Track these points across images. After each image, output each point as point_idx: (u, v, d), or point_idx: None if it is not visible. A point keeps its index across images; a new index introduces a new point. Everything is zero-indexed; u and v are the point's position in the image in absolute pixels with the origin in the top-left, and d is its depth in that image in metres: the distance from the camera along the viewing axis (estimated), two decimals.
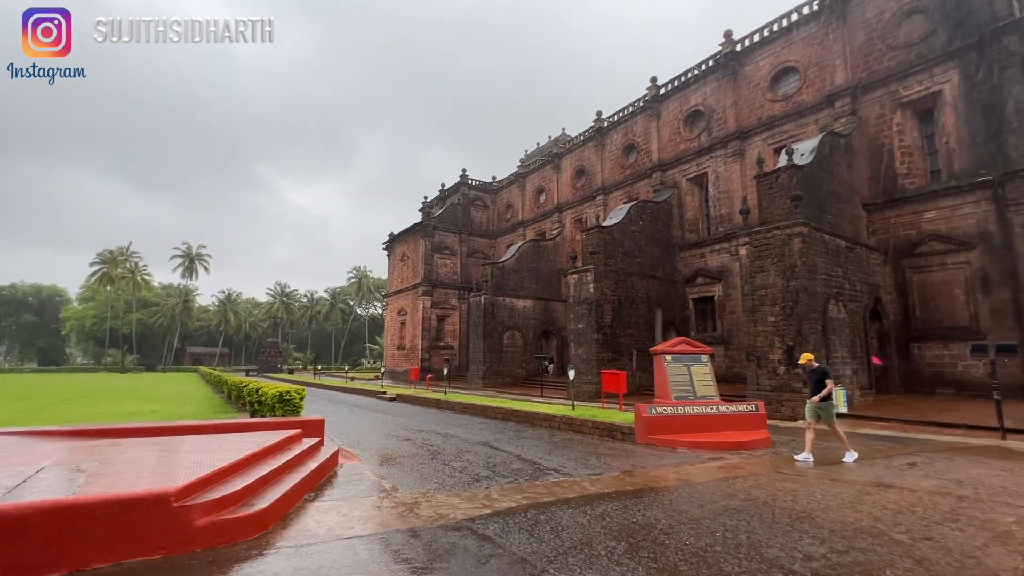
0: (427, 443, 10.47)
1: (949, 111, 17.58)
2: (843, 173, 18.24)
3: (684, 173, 26.61)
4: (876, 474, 7.35)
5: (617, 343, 22.43)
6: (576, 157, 35.13)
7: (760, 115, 23.29)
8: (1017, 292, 15.51)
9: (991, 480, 6.92)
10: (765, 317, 15.08)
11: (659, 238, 25.52)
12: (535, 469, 7.84)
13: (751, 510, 5.54)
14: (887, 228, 18.72)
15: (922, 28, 18.38)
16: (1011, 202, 15.72)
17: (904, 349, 17.93)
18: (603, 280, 22.51)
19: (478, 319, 30.62)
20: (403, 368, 39.72)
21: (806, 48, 21.78)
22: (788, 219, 15.08)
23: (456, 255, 41.66)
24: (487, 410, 15.73)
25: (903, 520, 5.16)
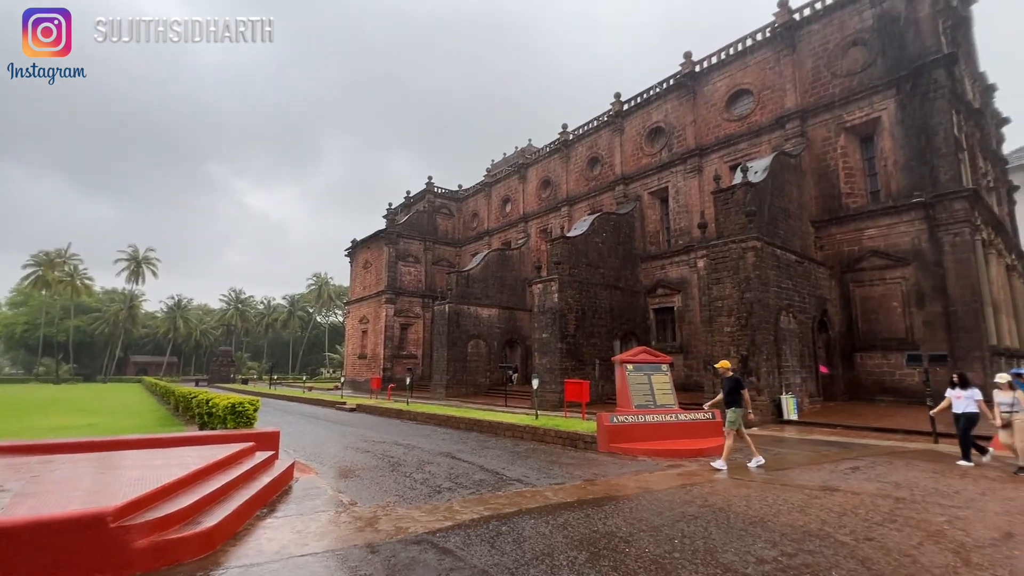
0: (388, 455, 10.23)
1: (887, 136, 18.87)
2: (793, 191, 19.23)
3: (646, 187, 27.39)
4: (823, 478, 7.70)
5: (580, 352, 22.69)
6: (542, 168, 35.58)
7: (717, 133, 24.31)
8: (947, 306, 16.71)
9: (925, 482, 7.38)
10: (721, 327, 15.62)
11: (622, 250, 26.09)
12: (498, 479, 7.79)
13: (708, 516, 5.68)
14: (833, 244, 19.83)
15: (863, 59, 19.73)
16: (941, 222, 17.00)
17: (848, 358, 18.95)
18: (567, 290, 22.78)
19: (442, 328, 30.33)
20: (364, 378, 38.81)
21: (760, 72, 22.96)
22: (743, 234, 15.74)
23: (421, 263, 41.25)
24: (450, 420, 15.55)
25: (847, 522, 5.42)
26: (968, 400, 8.87)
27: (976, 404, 8.78)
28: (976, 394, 8.85)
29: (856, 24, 19.98)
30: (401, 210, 45.60)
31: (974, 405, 8.80)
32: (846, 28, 20.26)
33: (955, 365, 16.15)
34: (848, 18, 20.24)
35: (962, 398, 8.95)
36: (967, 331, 16.28)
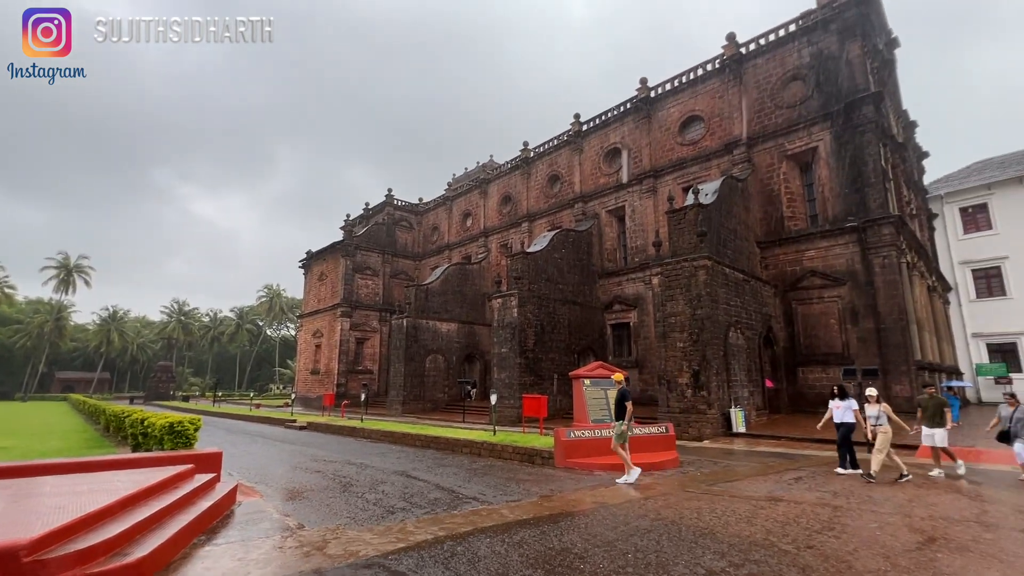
0: (339, 474, 9.86)
1: (823, 165, 20.28)
2: (741, 213, 20.26)
3: (604, 205, 28.14)
4: (769, 489, 8.01)
5: (539, 367, 22.80)
6: (503, 184, 35.93)
7: (671, 156, 25.38)
8: (878, 323, 17.95)
9: (860, 490, 7.81)
10: (675, 343, 16.11)
11: (580, 266, 26.59)
12: (453, 498, 7.65)
13: (660, 529, 5.78)
14: (777, 264, 20.97)
15: (801, 93, 21.22)
16: (871, 245, 18.33)
17: (792, 373, 19.94)
18: (527, 305, 22.93)
19: (400, 342, 29.77)
20: (316, 394, 37.41)
21: (710, 100, 24.24)
22: (695, 252, 16.40)
23: (379, 276, 40.49)
24: (406, 437, 15.19)
25: (790, 531, 5.65)
26: (846, 410, 9.48)
27: (853, 414, 9.40)
28: (853, 404, 9.46)
29: (795, 60, 21.51)
30: (360, 222, 44.76)
31: (851, 415, 9.42)
32: (787, 64, 21.76)
33: (885, 378, 17.34)
34: (788, 55, 21.76)
35: (840, 408, 9.56)
36: (895, 346, 17.51)
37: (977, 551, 5.01)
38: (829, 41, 20.58)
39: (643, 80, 26.98)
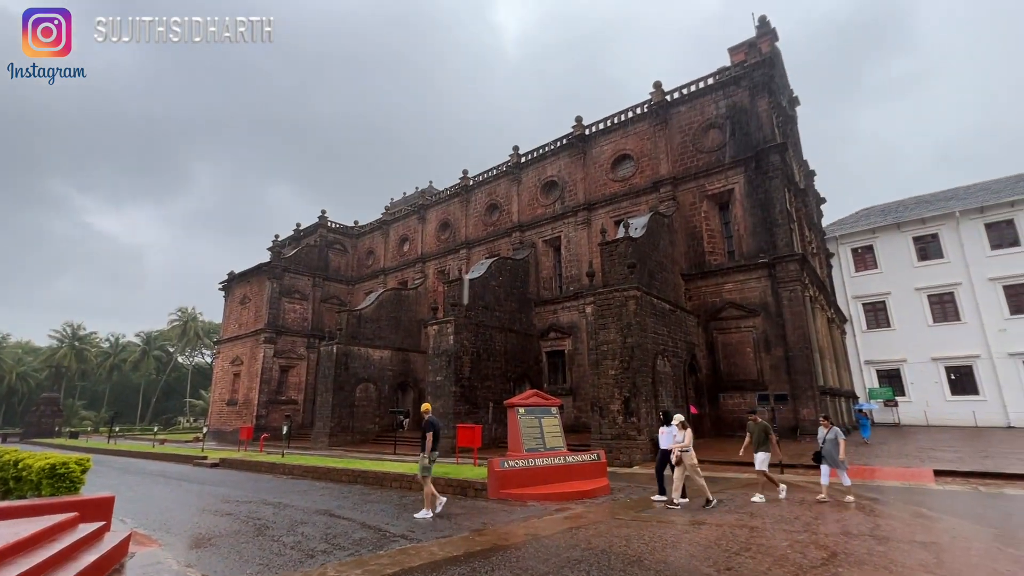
0: (254, 516, 9.07)
1: (739, 206, 22.14)
2: (667, 247, 21.54)
3: (541, 235, 28.87)
4: (692, 513, 8.31)
5: (475, 395, 22.52)
6: (442, 210, 35.93)
7: (604, 191, 26.66)
8: (787, 351, 19.52)
9: (773, 511, 8.31)
10: (607, 370, 16.57)
11: (517, 294, 26.90)
12: (380, 537, 7.26)
13: (591, 559, 5.80)
14: (699, 295, 22.36)
15: (719, 139, 23.23)
16: (780, 280, 20.08)
17: (714, 398, 21.09)
18: (463, 332, 22.75)
19: (328, 370, 28.35)
20: (233, 427, 34.52)
21: (639, 141, 25.90)
22: (625, 283, 17.14)
23: (308, 300, 38.62)
24: (331, 472, 14.32)
25: (711, 554, 5.87)
26: (668, 436, 9.42)
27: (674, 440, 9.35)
28: (675, 431, 9.35)
29: (713, 111, 23.61)
30: (289, 243, 42.75)
31: (669, 441, 9.37)
32: (706, 113, 23.82)
33: (794, 403, 18.77)
34: (707, 105, 23.85)
35: (664, 434, 9.53)
36: (802, 373, 19.09)
37: (871, 563, 5.46)
38: (741, 96, 22.83)
39: (578, 118, 28.39)
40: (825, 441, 9.44)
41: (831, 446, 9.31)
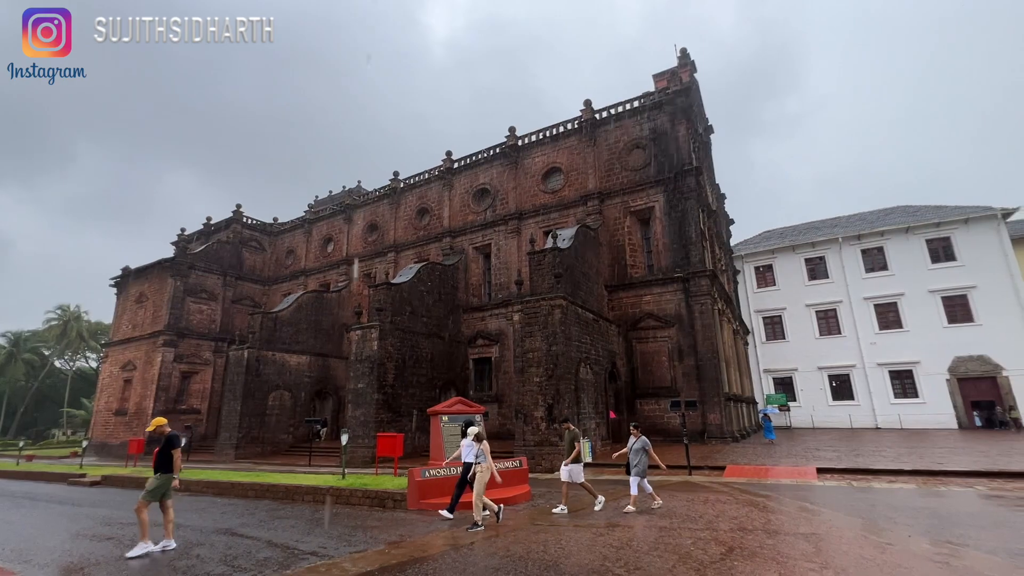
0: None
1: (659, 222, 23.54)
2: (592, 259, 22.37)
3: (471, 242, 28.85)
4: (608, 516, 8.62)
5: (398, 403, 21.92)
6: (370, 212, 34.84)
7: (534, 202, 27.22)
8: (697, 360, 20.94)
9: (681, 510, 8.83)
10: (532, 378, 16.83)
11: (446, 300, 26.63)
12: (288, 555, 6.80)
13: (508, 567, 5.82)
14: (621, 306, 23.42)
15: (642, 159, 24.61)
16: (692, 293, 21.55)
17: (632, 405, 22.10)
18: (388, 338, 22.11)
19: (238, 376, 26.32)
20: (121, 440, 30.92)
21: (569, 155, 26.77)
22: (552, 292, 17.56)
23: (218, 300, 35.68)
24: (236, 487, 13.25)
25: (623, 555, 6.12)
26: (468, 448, 9.09)
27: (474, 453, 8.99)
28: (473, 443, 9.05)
29: (638, 132, 24.99)
30: (198, 238, 39.30)
31: (472, 454, 8.99)
32: (631, 133, 25.16)
33: (703, 408, 20.14)
34: (632, 126, 25.21)
35: (465, 446, 9.19)
36: (710, 381, 20.56)
37: (762, 555, 5.96)
38: (663, 120, 24.38)
39: (511, 129, 28.83)
40: (632, 450, 9.32)
41: (635, 455, 9.23)
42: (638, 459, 9.20)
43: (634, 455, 9.26)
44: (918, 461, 13.91)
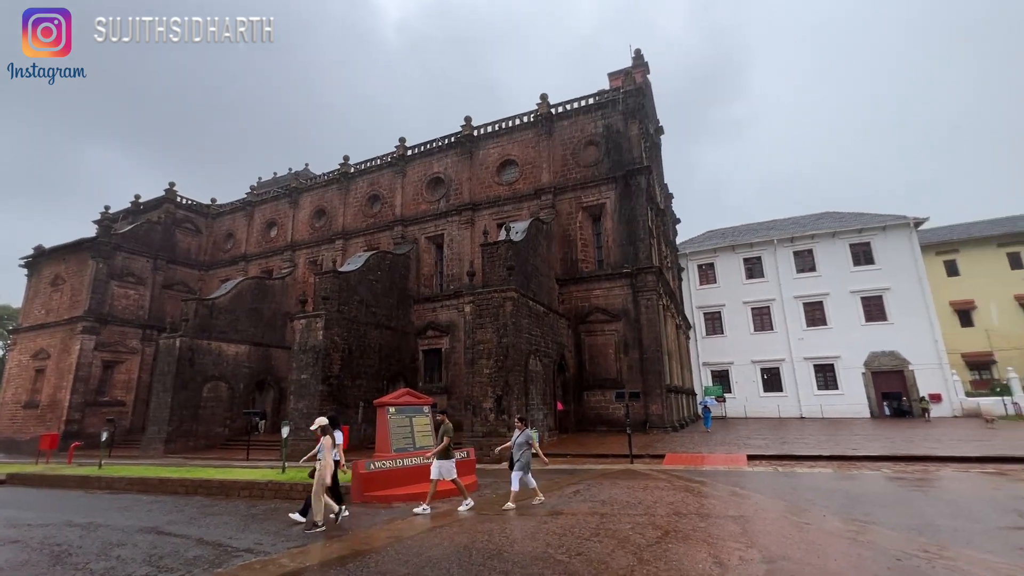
0: (51, 542, 7.51)
1: (609, 219, 24.09)
2: (544, 252, 22.61)
3: (424, 231, 28.40)
4: (552, 504, 8.81)
5: (344, 395, 21.36)
6: (318, 196, 33.50)
7: (488, 193, 27.12)
8: (642, 353, 21.70)
9: (622, 497, 9.16)
10: (482, 369, 16.87)
11: (396, 290, 26.12)
12: (220, 554, 6.49)
13: (452, 557, 5.83)
14: (571, 299, 23.86)
15: (596, 156, 25.06)
16: (639, 289, 22.27)
17: (579, 396, 22.63)
18: (334, 327, 21.44)
19: (169, 366, 24.74)
20: (31, 435, 28.30)
21: (524, 148, 26.83)
22: (504, 284, 17.62)
23: (146, 285, 33.24)
24: (164, 484, 12.48)
25: (565, 541, 6.28)
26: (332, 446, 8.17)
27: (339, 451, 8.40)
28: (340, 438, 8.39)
29: (592, 129, 25.40)
30: (125, 217, 36.39)
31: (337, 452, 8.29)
32: (586, 130, 25.54)
33: (645, 400, 20.91)
34: (587, 123, 25.59)
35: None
36: (654, 373, 21.38)
37: (695, 538, 6.30)
38: (617, 119, 24.90)
39: (467, 119, 28.51)
40: (515, 444, 8.88)
41: (519, 449, 8.80)
42: (521, 453, 8.79)
43: (517, 449, 8.84)
44: (835, 447, 15.12)
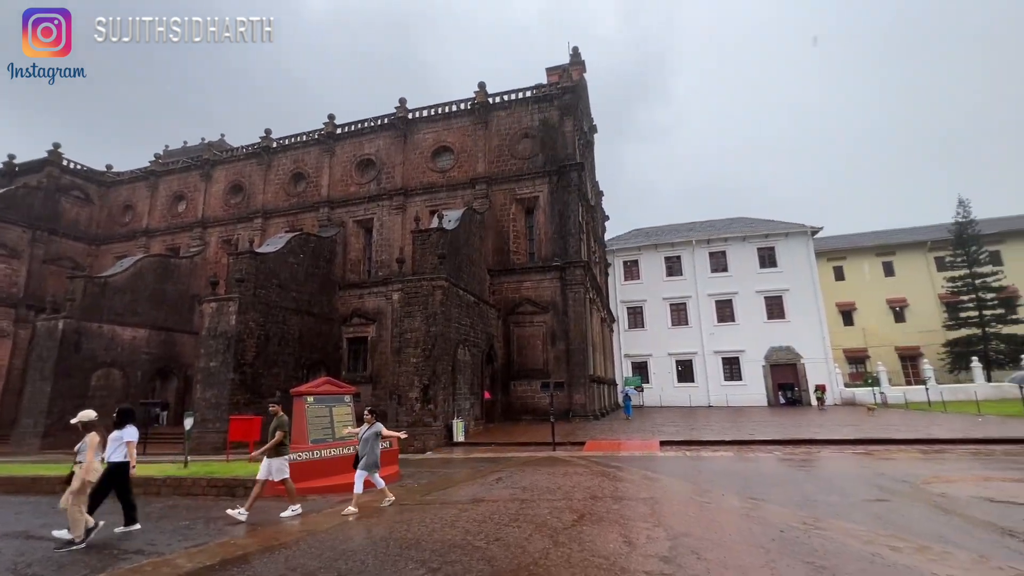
0: None
1: (542, 213, 24.47)
2: (477, 243, 22.55)
3: (352, 214, 27.27)
4: (474, 492, 8.88)
5: (259, 384, 20.11)
6: (235, 171, 31.03)
7: (422, 179, 26.53)
8: (568, 345, 22.37)
9: (542, 483, 9.41)
10: (408, 358, 16.57)
11: (320, 274, 24.91)
12: (105, 557, 5.88)
13: (368, 549, 5.69)
14: (502, 291, 24.03)
15: (531, 149, 25.29)
16: (568, 282, 22.89)
17: (506, 386, 22.93)
18: (249, 312, 20.07)
19: (49, 351, 21.97)
20: None
21: (461, 136, 26.49)
22: (435, 273, 17.37)
23: (22, 258, 29.19)
24: (37, 483, 11.09)
25: (484, 528, 6.35)
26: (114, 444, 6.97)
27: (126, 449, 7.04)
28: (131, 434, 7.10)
29: (528, 122, 25.58)
30: None
31: (122, 451, 6.99)
32: (522, 122, 25.67)
33: (569, 390, 21.61)
34: (524, 115, 25.73)
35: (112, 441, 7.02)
36: (578, 364, 22.13)
37: (608, 519, 6.62)
38: (553, 114, 25.26)
39: (402, 100, 27.62)
40: (362, 440, 7.82)
41: (366, 444, 7.78)
42: (368, 449, 7.74)
43: (363, 444, 7.78)
44: (736, 433, 16.53)
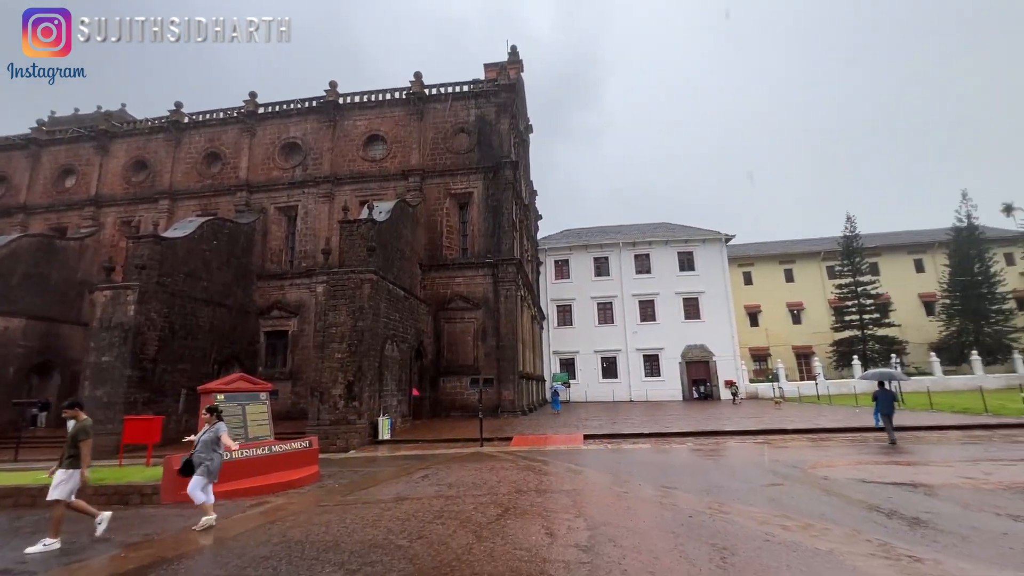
0: None
1: (476, 208, 24.43)
2: (409, 236, 22.07)
3: (274, 201, 25.65)
4: (399, 490, 8.70)
5: (162, 381, 18.39)
6: (138, 145, 28.07)
7: (352, 168, 25.51)
8: (499, 341, 22.53)
9: (468, 479, 9.43)
10: (333, 353, 15.88)
11: (236, 263, 23.19)
12: None
13: (282, 553, 5.40)
14: (433, 286, 23.71)
15: (467, 144, 25.14)
16: (500, 279, 23.05)
17: (435, 382, 22.67)
18: (152, 302, 18.28)
19: None
20: None
21: (395, 126, 25.75)
22: (363, 266, 16.78)
23: None
24: None
25: (408, 526, 6.25)
26: None
27: None
28: None
29: (465, 116, 25.40)
30: None
31: None
32: (459, 117, 25.44)
33: (498, 386, 21.79)
34: (460, 109, 25.51)
35: None
36: (508, 360, 22.36)
37: (532, 512, 6.76)
38: (490, 110, 25.26)
39: (333, 83, 26.37)
40: (199, 443, 6.83)
41: (205, 448, 6.76)
42: (207, 453, 6.72)
43: (203, 448, 6.75)
44: (654, 426, 17.51)
